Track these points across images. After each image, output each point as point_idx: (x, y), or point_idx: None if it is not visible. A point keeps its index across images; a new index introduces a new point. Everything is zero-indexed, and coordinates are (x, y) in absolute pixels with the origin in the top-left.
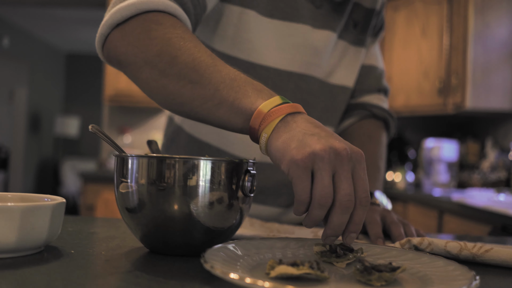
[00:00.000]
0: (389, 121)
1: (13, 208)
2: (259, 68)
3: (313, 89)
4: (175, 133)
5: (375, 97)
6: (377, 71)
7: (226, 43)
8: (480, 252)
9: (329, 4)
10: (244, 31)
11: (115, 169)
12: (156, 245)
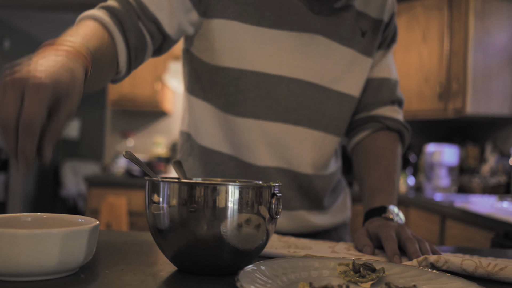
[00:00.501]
0: (404, 132)
1: (54, 233)
2: (249, 74)
3: (312, 95)
4: (190, 148)
5: (389, 109)
6: (390, 83)
7: (216, 56)
8: (495, 270)
9: (328, 10)
10: (230, 41)
11: (147, 192)
12: (185, 264)
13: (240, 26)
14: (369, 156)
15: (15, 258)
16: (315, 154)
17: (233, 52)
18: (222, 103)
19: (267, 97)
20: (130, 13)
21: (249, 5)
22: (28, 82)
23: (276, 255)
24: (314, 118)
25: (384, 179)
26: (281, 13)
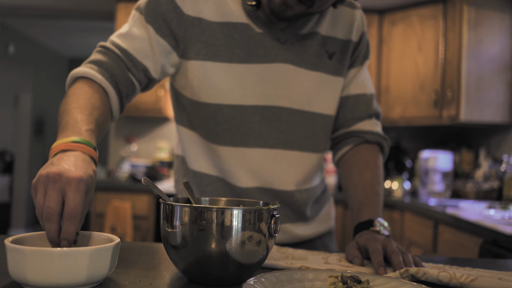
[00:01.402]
0: (383, 143)
1: (84, 251)
2: (225, 107)
3: (286, 118)
4: (185, 170)
5: (367, 123)
6: (366, 97)
7: (194, 93)
8: (466, 281)
9: (293, 37)
10: (206, 80)
11: (162, 213)
12: (195, 276)
13: (213, 65)
14: (352, 171)
15: (51, 273)
16: (294, 172)
17: (209, 89)
18: (205, 133)
19: (242, 126)
20: (120, 66)
21: (220, 46)
22: (69, 177)
23: (275, 266)
24: (289, 139)
25: (369, 193)
26: (249, 48)
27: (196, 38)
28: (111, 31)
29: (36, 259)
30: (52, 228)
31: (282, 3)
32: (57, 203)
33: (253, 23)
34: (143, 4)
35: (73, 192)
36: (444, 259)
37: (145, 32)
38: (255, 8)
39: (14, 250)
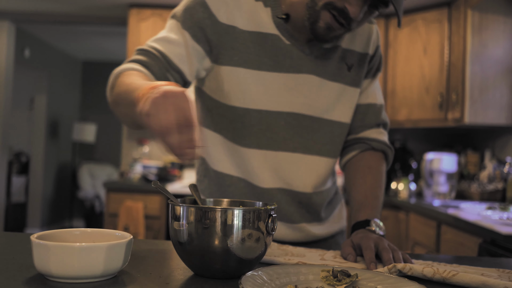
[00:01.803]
0: (388, 152)
1: (100, 246)
2: (252, 111)
3: (306, 125)
4: (206, 171)
5: (374, 131)
6: (376, 107)
7: (225, 96)
8: (448, 276)
9: (317, 51)
10: (236, 84)
11: (170, 213)
12: (200, 270)
13: (244, 72)
14: (356, 174)
15: (71, 265)
16: (312, 175)
17: (238, 94)
18: (230, 135)
19: (268, 130)
20: (159, 65)
21: (250, 54)
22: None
23: (274, 262)
24: (308, 145)
25: (369, 195)
26: (277, 58)
27: (229, 45)
28: (123, 35)
29: (59, 253)
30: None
31: (326, 28)
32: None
33: (281, 35)
34: (179, 12)
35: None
36: (448, 258)
37: (181, 38)
38: (284, 21)
39: (39, 245)
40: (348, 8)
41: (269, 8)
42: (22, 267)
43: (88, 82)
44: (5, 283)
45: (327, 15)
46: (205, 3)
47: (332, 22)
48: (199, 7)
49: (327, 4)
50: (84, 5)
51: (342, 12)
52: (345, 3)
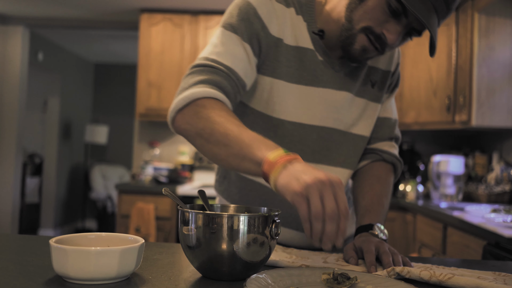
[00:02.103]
0: (397, 164)
1: (114, 250)
2: (286, 123)
3: (335, 139)
4: (226, 172)
5: (387, 144)
6: (391, 122)
7: (261, 104)
8: (444, 279)
9: (346, 68)
10: (275, 96)
11: (179, 218)
12: (208, 272)
13: (284, 84)
14: (365, 182)
15: (87, 268)
16: None
17: (276, 104)
18: None
19: (299, 142)
20: (232, 85)
21: (291, 67)
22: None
23: (278, 265)
24: (333, 157)
25: (375, 202)
26: (315, 73)
27: (274, 57)
28: (134, 38)
29: (76, 256)
30: (334, 228)
31: (361, 50)
32: (335, 205)
33: (316, 51)
34: (235, 22)
35: (341, 193)
36: (456, 261)
37: (244, 52)
38: (320, 38)
39: (58, 249)
40: (386, 35)
41: (306, 23)
42: (41, 269)
43: (100, 84)
44: (26, 285)
45: (364, 39)
46: (257, 14)
47: (368, 45)
48: (254, 18)
49: (366, 28)
50: (96, 10)
51: (379, 38)
52: (383, 30)
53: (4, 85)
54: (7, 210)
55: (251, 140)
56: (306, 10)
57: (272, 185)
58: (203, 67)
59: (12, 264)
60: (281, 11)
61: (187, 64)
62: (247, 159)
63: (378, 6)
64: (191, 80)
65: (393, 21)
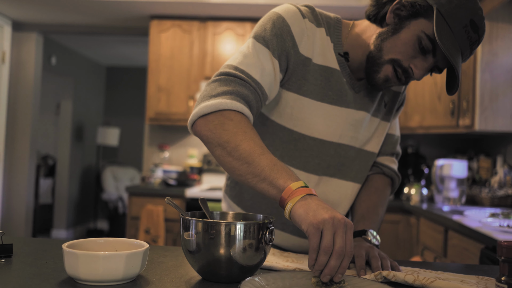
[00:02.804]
0: (395, 179)
1: (121, 254)
2: (308, 138)
3: (350, 155)
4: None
5: (387, 159)
6: (394, 138)
7: (283, 118)
8: (427, 282)
9: (365, 89)
10: (299, 112)
11: (181, 225)
12: (207, 275)
13: (309, 101)
14: (364, 192)
15: (96, 271)
16: (343, 198)
17: (298, 120)
18: (279, 154)
19: (317, 157)
20: (256, 100)
21: (317, 86)
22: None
23: (273, 268)
24: (346, 171)
25: (371, 211)
26: (340, 93)
27: (301, 75)
28: (144, 43)
29: (86, 260)
30: (337, 264)
31: (384, 80)
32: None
33: (341, 72)
34: (268, 36)
35: (350, 235)
36: (459, 266)
37: (272, 66)
38: (345, 60)
39: (70, 253)
40: (413, 70)
41: (333, 44)
42: (54, 271)
43: (112, 87)
44: (40, 285)
45: (389, 69)
46: (291, 32)
47: (392, 76)
48: (286, 35)
49: (394, 60)
50: (108, 17)
51: (406, 71)
52: (411, 64)
53: (18, 89)
54: (21, 211)
55: (274, 165)
56: (333, 32)
57: (287, 211)
58: (232, 76)
59: (28, 267)
60: (312, 31)
61: (196, 69)
62: (267, 182)
63: (410, 42)
64: (219, 88)
65: (421, 57)
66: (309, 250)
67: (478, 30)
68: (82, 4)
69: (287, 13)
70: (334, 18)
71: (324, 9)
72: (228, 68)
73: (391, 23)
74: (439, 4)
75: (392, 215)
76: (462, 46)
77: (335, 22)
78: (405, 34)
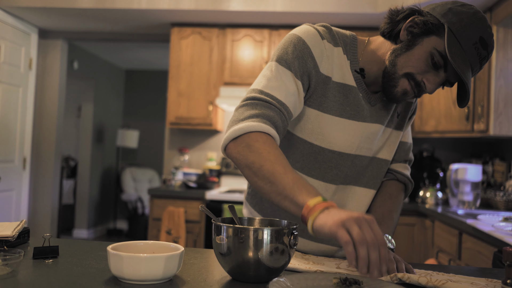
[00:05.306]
0: (408, 185)
1: (161, 256)
2: (327, 151)
3: (364, 164)
4: None
5: (401, 166)
6: (406, 146)
7: (304, 133)
8: (439, 284)
9: (380, 102)
10: (319, 127)
11: (214, 230)
12: (237, 276)
13: (328, 117)
14: (378, 197)
15: (138, 271)
16: (359, 204)
17: (319, 135)
18: (299, 165)
19: (335, 168)
20: (282, 120)
21: (336, 102)
22: (368, 218)
23: (296, 270)
24: (360, 179)
25: (386, 216)
26: (357, 108)
27: (322, 93)
28: (164, 48)
29: (130, 261)
30: (377, 254)
31: (402, 93)
32: (373, 235)
33: (357, 88)
34: (290, 59)
35: (375, 226)
36: (474, 269)
37: (295, 88)
38: (361, 76)
39: (115, 255)
40: (426, 84)
41: (349, 62)
42: (99, 271)
43: (131, 90)
44: (89, 284)
45: (406, 83)
46: (311, 54)
47: (409, 90)
48: (307, 57)
49: (408, 74)
50: (130, 24)
51: (418, 85)
52: (424, 78)
53: (44, 95)
54: (47, 212)
55: (295, 183)
56: (350, 49)
57: (309, 227)
58: (258, 100)
59: (75, 267)
60: (330, 51)
61: (215, 75)
62: (289, 200)
63: (423, 57)
64: (246, 112)
65: (433, 72)
66: (343, 247)
67: (487, 47)
68: (105, 12)
69: (307, 36)
70: (350, 36)
71: (342, 16)
72: (254, 93)
73: (405, 39)
74: (450, 23)
75: (408, 217)
76: (472, 62)
77: (351, 40)
78: (418, 50)
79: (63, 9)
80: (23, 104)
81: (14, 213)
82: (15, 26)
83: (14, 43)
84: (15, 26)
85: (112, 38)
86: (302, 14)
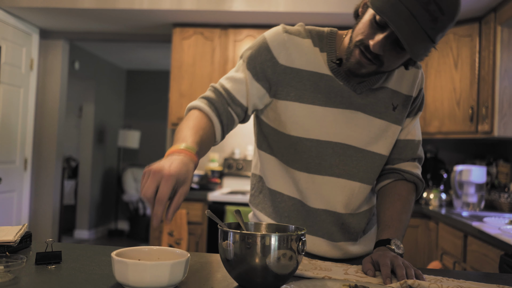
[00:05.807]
0: (418, 184)
1: (166, 263)
2: (304, 140)
3: (350, 154)
4: (262, 188)
5: (409, 165)
6: (414, 143)
7: (280, 126)
8: None
9: (368, 90)
10: (291, 116)
11: (220, 236)
12: (243, 282)
13: (299, 106)
14: (387, 199)
15: (143, 278)
16: (353, 199)
17: (293, 124)
18: (284, 159)
19: (317, 157)
20: (222, 101)
21: (306, 90)
22: (163, 173)
23: (304, 276)
24: (352, 172)
25: (395, 218)
26: (330, 95)
27: (287, 83)
28: (166, 48)
29: (135, 268)
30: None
31: (356, 63)
32: (152, 191)
33: (335, 76)
34: (247, 54)
35: (163, 184)
36: (480, 274)
37: (244, 77)
38: (337, 66)
39: (120, 262)
40: (370, 43)
41: (325, 53)
42: (103, 277)
43: (132, 90)
44: None
45: (357, 52)
46: (268, 48)
47: (360, 57)
48: (263, 50)
49: (358, 42)
50: (132, 25)
51: (368, 48)
52: (370, 40)
53: (45, 95)
54: (48, 213)
55: (179, 137)
56: (326, 42)
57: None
58: (211, 87)
59: (78, 272)
60: (293, 42)
61: (217, 76)
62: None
63: (367, 22)
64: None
65: (379, 33)
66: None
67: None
68: (107, 13)
69: (269, 32)
70: (327, 31)
71: (344, 16)
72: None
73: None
74: None
75: (411, 219)
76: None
77: (328, 34)
78: (365, 18)
79: (64, 10)
80: (24, 104)
81: (15, 214)
82: (16, 26)
83: (15, 43)
84: (16, 27)
85: (114, 38)
86: (305, 14)
